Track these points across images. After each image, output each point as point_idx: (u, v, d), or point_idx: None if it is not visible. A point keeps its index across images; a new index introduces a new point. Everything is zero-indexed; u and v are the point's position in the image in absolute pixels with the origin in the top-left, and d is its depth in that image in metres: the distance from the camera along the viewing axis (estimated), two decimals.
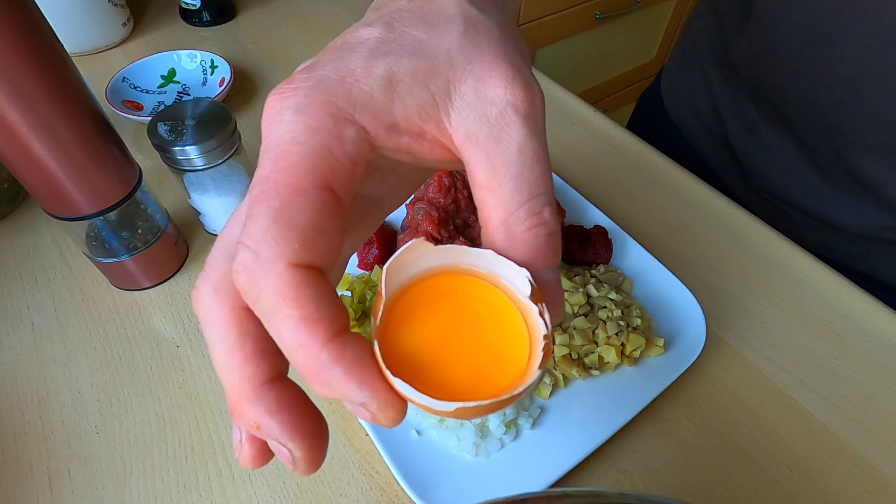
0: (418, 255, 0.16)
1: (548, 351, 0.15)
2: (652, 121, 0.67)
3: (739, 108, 0.53)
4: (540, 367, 0.15)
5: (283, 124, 0.15)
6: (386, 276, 0.15)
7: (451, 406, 0.14)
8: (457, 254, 0.17)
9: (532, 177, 0.16)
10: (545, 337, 0.15)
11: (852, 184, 0.46)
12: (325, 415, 0.37)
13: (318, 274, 0.14)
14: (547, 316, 0.16)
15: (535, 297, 0.16)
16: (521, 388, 0.15)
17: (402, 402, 0.15)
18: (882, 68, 0.39)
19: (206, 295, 0.16)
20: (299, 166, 0.14)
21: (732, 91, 0.53)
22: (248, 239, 0.14)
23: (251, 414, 0.15)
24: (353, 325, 0.38)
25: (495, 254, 0.16)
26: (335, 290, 0.15)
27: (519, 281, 0.16)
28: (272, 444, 0.16)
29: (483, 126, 0.16)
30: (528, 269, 0.16)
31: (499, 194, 0.16)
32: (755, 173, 0.54)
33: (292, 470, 0.16)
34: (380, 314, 0.15)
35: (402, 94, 0.16)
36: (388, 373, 0.14)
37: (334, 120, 0.15)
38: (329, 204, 0.14)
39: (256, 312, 0.14)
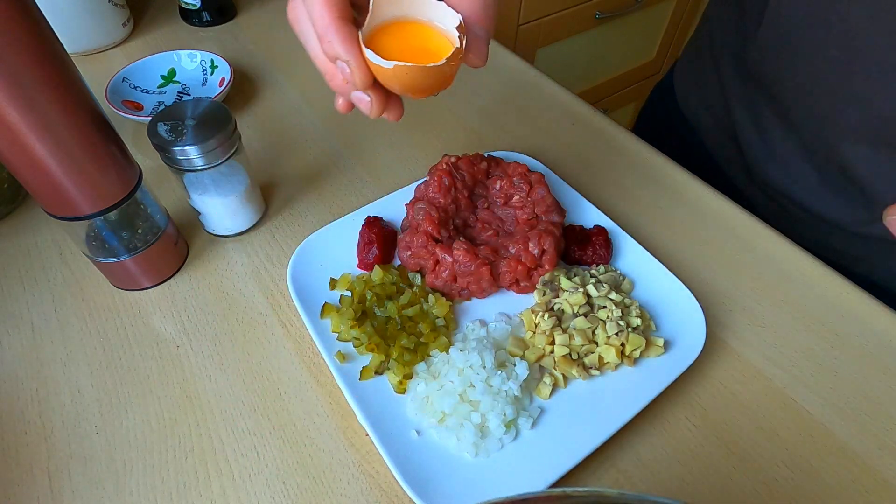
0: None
1: (459, 49, 0.26)
2: (663, 112, 0.68)
3: (749, 100, 0.53)
4: (455, 50, 0.26)
5: None
6: (373, 6, 0.27)
7: (391, 63, 0.25)
8: (418, 3, 0.27)
9: None
10: (459, 38, 0.26)
11: (845, 181, 0.47)
12: (324, 415, 0.37)
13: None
14: (463, 37, 0.26)
15: (460, 30, 0.26)
16: (443, 59, 0.26)
17: (368, 70, 0.26)
18: (873, 52, 0.39)
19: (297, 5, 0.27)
20: None
21: (743, 83, 0.53)
22: None
23: (341, 50, 0.26)
24: (352, 325, 0.38)
25: (446, 5, 0.27)
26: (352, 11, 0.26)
27: (454, 20, 0.27)
28: (355, 97, 0.29)
29: None
30: (462, 18, 0.27)
31: None
32: (758, 168, 0.54)
33: (369, 113, 0.30)
34: (364, 28, 0.27)
35: None
36: (363, 47, 0.26)
37: None
38: None
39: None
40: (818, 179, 0.49)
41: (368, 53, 0.26)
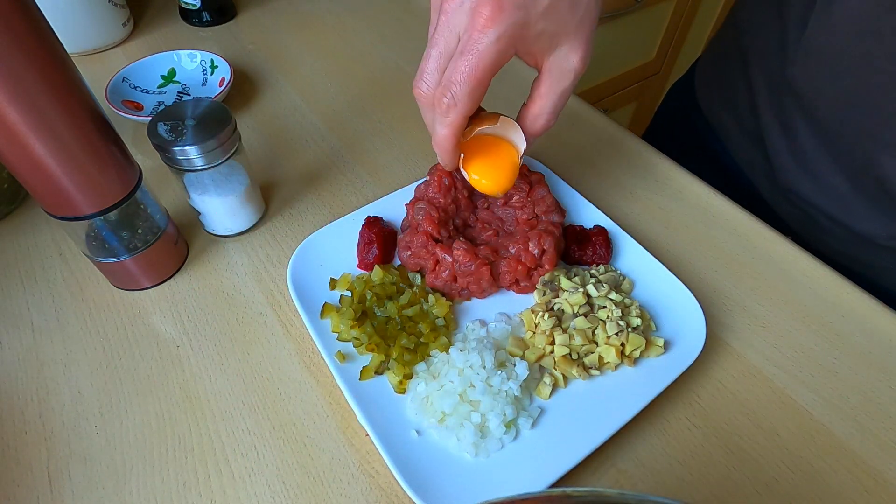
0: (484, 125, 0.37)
1: (517, 164, 0.39)
2: (681, 112, 0.67)
3: (780, 107, 0.52)
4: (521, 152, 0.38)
5: (486, 42, 0.30)
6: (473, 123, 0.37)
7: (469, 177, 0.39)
8: (501, 127, 0.38)
9: (559, 103, 0.36)
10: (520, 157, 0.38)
11: (880, 193, 0.45)
12: (325, 416, 0.37)
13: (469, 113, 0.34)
14: (521, 158, 0.38)
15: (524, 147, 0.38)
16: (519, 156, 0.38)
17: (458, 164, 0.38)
18: None
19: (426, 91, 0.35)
20: (488, 72, 0.31)
21: (775, 90, 0.52)
22: (455, 88, 0.32)
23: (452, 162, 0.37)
24: (352, 325, 0.38)
25: (517, 126, 0.37)
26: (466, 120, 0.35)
27: (519, 138, 0.38)
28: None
29: (558, 70, 0.34)
30: (525, 135, 0.37)
31: (543, 101, 0.36)
32: (785, 175, 0.53)
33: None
34: (467, 131, 0.37)
35: (540, 40, 0.32)
36: (460, 163, 0.38)
37: (510, 49, 0.31)
38: (487, 85, 0.33)
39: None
40: (850, 190, 0.48)
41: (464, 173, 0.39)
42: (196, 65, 0.60)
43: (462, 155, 0.38)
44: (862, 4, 0.41)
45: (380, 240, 0.42)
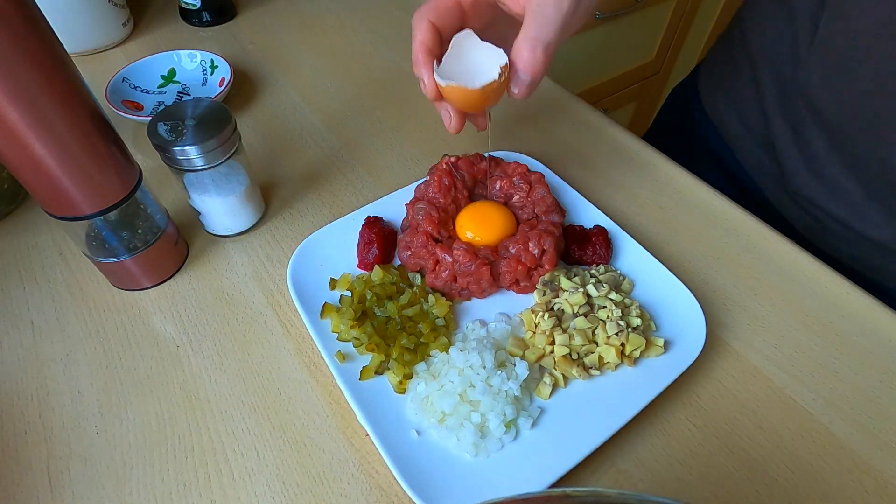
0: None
1: (495, 81, 0.35)
2: (685, 115, 0.66)
3: (790, 111, 0.51)
4: (492, 81, 0.35)
5: None
6: (451, 45, 0.37)
7: (445, 82, 0.36)
8: (483, 48, 0.36)
9: (546, 24, 0.34)
10: (499, 74, 0.35)
11: (895, 199, 0.45)
12: (325, 416, 0.37)
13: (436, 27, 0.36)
14: (503, 74, 0.35)
15: (504, 69, 0.35)
16: (479, 85, 0.35)
17: (435, 85, 0.36)
18: None
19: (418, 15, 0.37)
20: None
21: (786, 95, 0.51)
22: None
23: (418, 70, 0.37)
24: (352, 325, 0.38)
25: (493, 45, 0.36)
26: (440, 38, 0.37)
27: (501, 60, 0.35)
28: (443, 115, 0.39)
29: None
30: (508, 59, 0.35)
31: (528, 29, 0.34)
32: (795, 179, 0.52)
33: (449, 127, 0.40)
34: (443, 57, 0.37)
35: None
36: (434, 70, 0.36)
37: None
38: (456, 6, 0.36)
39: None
40: (864, 196, 0.47)
41: (436, 76, 0.36)
42: (196, 65, 0.60)
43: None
44: (879, 5, 0.39)
45: (380, 240, 0.42)
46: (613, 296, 0.39)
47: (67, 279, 0.43)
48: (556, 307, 0.39)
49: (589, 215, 0.46)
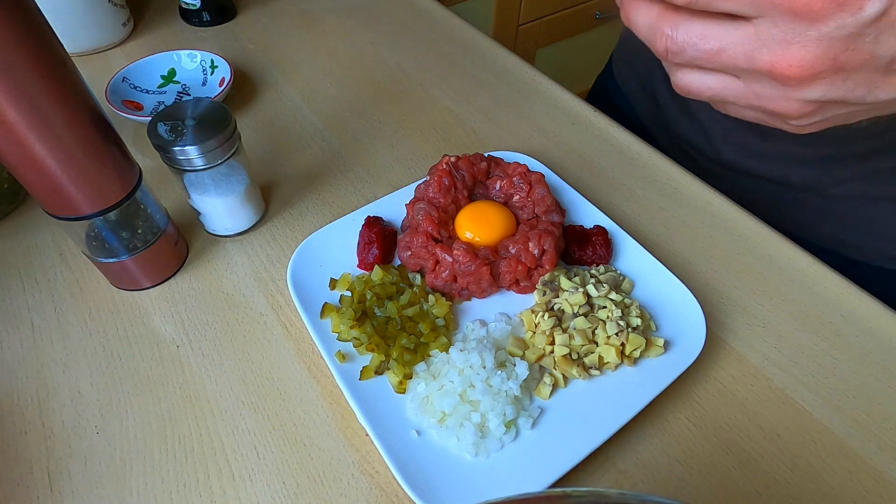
0: None
1: None
2: (603, 91, 0.72)
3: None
4: None
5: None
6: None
7: None
8: None
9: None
10: None
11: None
12: (325, 415, 0.37)
13: None
14: None
15: None
16: None
17: None
18: None
19: None
20: None
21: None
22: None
23: None
24: (352, 325, 0.38)
25: None
26: None
27: None
28: None
29: None
30: None
31: None
32: (673, 122, 0.57)
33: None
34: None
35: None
36: None
37: None
38: None
39: None
40: (709, 118, 0.53)
41: None
42: (196, 65, 0.60)
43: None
44: None
45: (380, 240, 0.42)
46: (613, 296, 0.39)
47: (67, 279, 0.43)
48: (556, 307, 0.39)
49: (589, 215, 0.46)
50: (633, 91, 0.65)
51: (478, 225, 0.42)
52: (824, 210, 0.52)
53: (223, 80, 0.57)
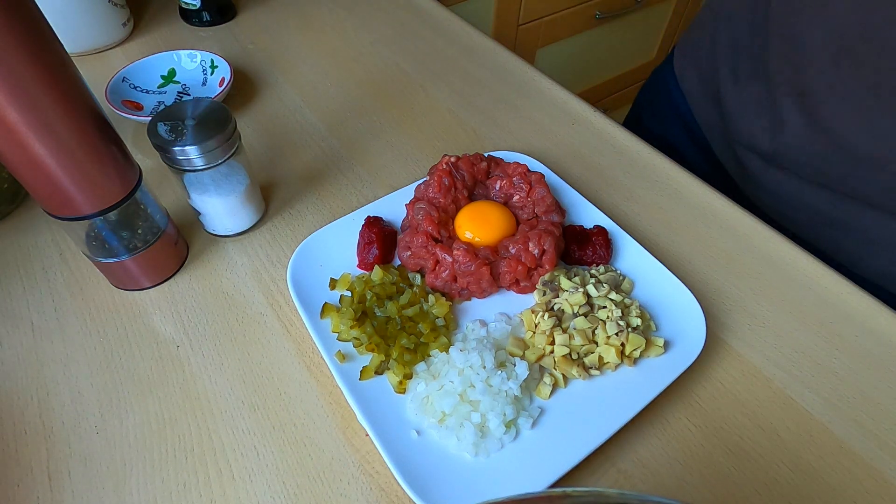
0: None
1: None
2: (660, 85, 0.70)
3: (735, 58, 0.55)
4: None
5: None
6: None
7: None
8: None
9: None
10: None
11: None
12: (325, 416, 0.37)
13: None
14: None
15: None
16: None
17: None
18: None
19: None
20: None
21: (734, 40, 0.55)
22: None
23: None
24: (352, 325, 0.38)
25: None
26: None
27: None
28: None
29: None
30: None
31: None
32: (732, 124, 0.57)
33: None
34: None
35: None
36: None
37: None
38: None
39: None
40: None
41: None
42: (196, 65, 0.60)
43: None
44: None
45: (380, 240, 0.42)
46: (613, 296, 0.39)
47: (67, 279, 0.43)
48: (556, 307, 0.39)
49: (589, 215, 0.46)
50: (692, 87, 0.64)
51: (478, 225, 0.42)
52: (872, 238, 0.50)
53: (223, 80, 0.57)
